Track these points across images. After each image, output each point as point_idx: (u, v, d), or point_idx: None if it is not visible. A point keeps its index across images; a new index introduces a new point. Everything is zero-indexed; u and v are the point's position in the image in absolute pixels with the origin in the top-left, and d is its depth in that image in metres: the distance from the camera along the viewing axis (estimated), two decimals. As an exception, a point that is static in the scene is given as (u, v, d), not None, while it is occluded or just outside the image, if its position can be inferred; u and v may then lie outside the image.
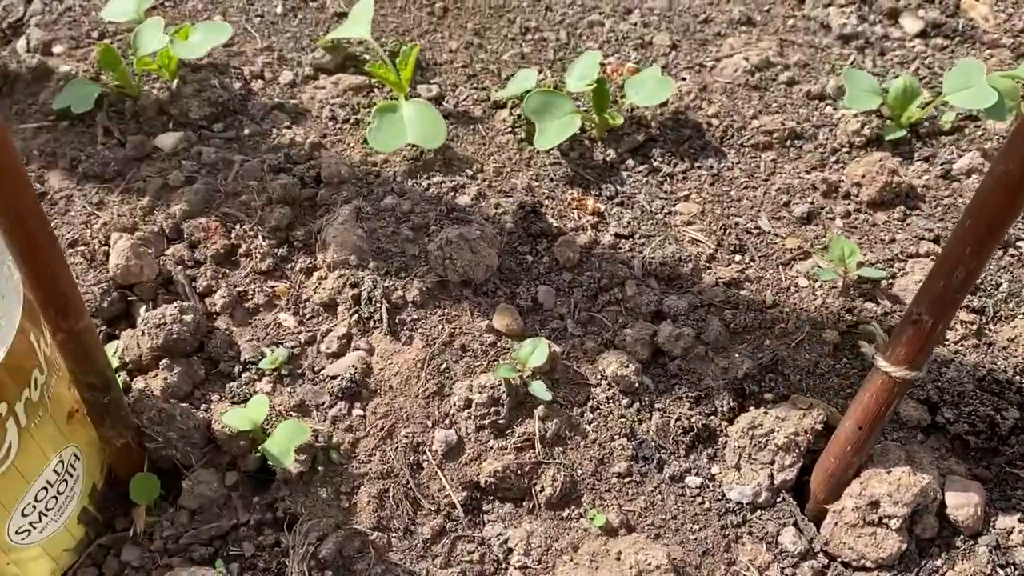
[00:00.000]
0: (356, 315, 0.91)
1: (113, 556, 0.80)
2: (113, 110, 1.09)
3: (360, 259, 0.94)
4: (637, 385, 0.88)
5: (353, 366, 0.88)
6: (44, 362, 0.70)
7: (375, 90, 1.15)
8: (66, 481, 0.76)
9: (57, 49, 1.19)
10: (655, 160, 1.09)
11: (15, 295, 0.67)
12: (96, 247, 0.96)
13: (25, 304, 0.67)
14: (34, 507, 0.73)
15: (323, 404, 0.87)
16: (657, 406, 0.88)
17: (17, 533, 0.73)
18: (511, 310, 0.92)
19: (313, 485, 0.82)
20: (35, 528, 0.74)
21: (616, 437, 0.86)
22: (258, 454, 0.83)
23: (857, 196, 1.06)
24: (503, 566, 0.80)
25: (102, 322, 0.92)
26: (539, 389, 0.85)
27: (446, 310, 0.92)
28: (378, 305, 0.91)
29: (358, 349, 0.90)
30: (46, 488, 0.74)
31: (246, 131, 1.08)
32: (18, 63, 1.14)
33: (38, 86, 1.13)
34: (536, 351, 0.86)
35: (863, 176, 1.05)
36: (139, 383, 0.87)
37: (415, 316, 0.92)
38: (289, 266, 0.96)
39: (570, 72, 1.11)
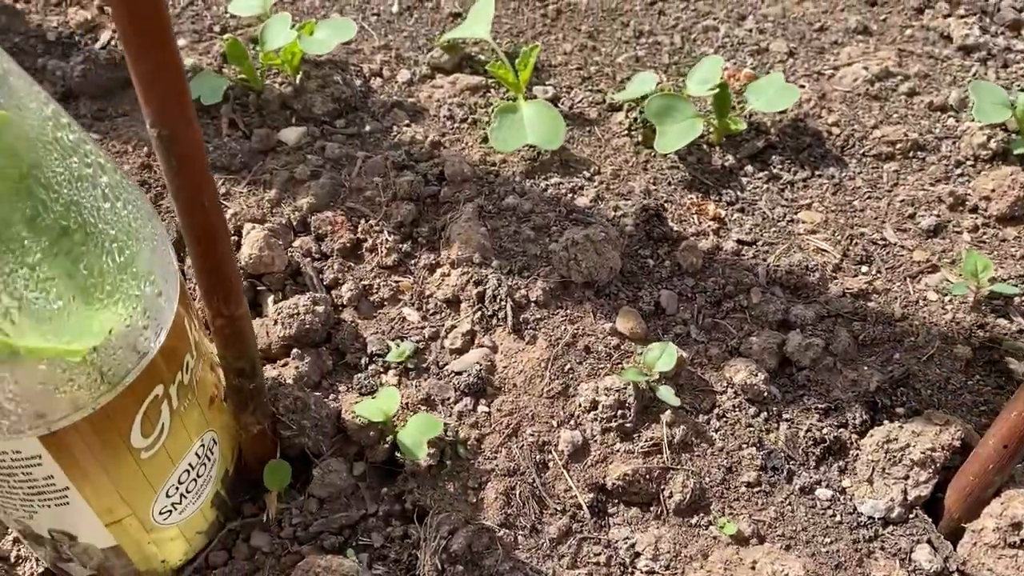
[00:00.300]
0: (480, 312, 0.92)
1: (243, 541, 0.81)
2: (237, 103, 1.11)
3: (483, 257, 0.94)
4: (765, 394, 0.87)
5: (478, 363, 0.88)
6: (194, 346, 0.72)
7: (491, 90, 1.15)
8: (205, 464, 0.77)
9: (180, 43, 1.21)
10: (775, 167, 1.08)
11: (174, 280, 0.69)
12: (225, 237, 0.97)
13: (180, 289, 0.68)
14: (177, 488, 0.74)
15: (448, 399, 0.87)
16: (785, 416, 0.87)
17: (160, 513, 0.74)
18: (634, 313, 0.92)
19: (441, 479, 0.83)
20: (175, 509, 0.76)
21: (744, 446, 0.85)
22: (385, 445, 0.84)
23: (986, 210, 1.03)
24: (629, 570, 0.80)
25: (230, 310, 0.94)
26: (667, 394, 0.85)
27: (568, 311, 0.92)
28: (502, 303, 0.91)
29: (482, 346, 0.90)
30: (188, 471, 0.75)
31: (367, 128, 1.09)
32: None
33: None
34: (664, 356, 0.86)
35: (993, 190, 1.03)
36: (268, 371, 0.89)
37: (538, 316, 0.92)
38: (413, 262, 0.97)
39: (691, 76, 1.10)
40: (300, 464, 0.85)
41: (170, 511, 0.75)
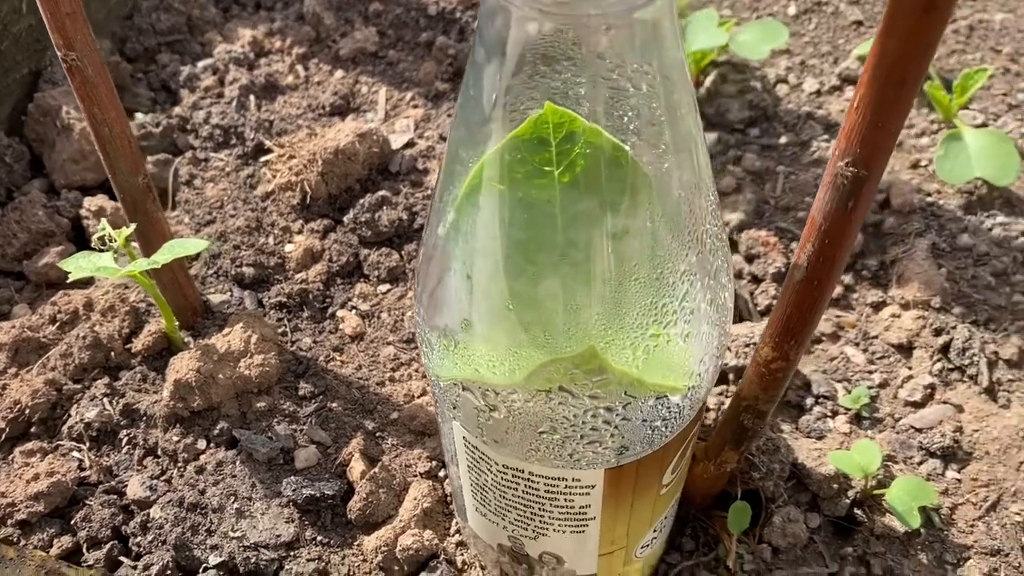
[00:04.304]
0: (940, 364, 0.83)
1: (688, 579, 0.77)
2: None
3: (943, 302, 0.85)
4: None
5: (942, 422, 0.80)
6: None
7: (912, 110, 1.06)
8: (676, 499, 0.73)
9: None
10: None
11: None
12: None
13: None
14: (661, 523, 0.70)
15: (912, 458, 0.80)
16: None
17: (641, 547, 0.70)
18: (1124, 387, 0.81)
19: (913, 547, 0.75)
20: (651, 544, 0.71)
21: None
22: (846, 500, 0.77)
23: None
24: None
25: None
26: None
27: (1044, 375, 0.83)
28: (974, 358, 0.82)
29: (946, 403, 0.82)
30: (674, 505, 0.71)
31: (782, 139, 1.02)
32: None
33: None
34: None
35: None
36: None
37: (1010, 376, 0.83)
38: (855, 296, 0.89)
39: None
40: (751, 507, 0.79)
41: (648, 545, 0.71)
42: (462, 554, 0.77)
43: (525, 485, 0.60)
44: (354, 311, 0.91)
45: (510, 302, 0.49)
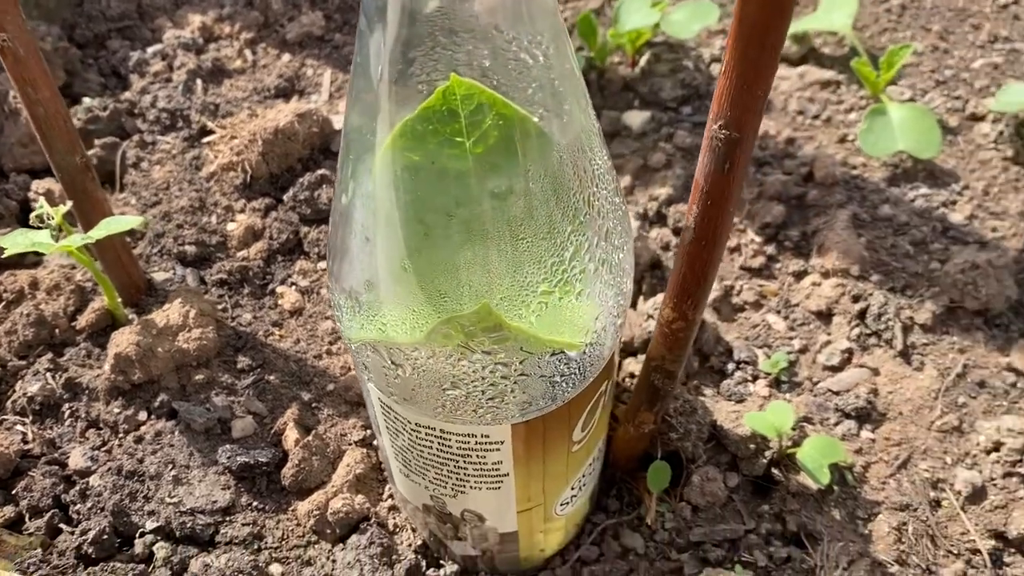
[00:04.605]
0: (857, 330, 0.86)
1: (613, 539, 0.80)
2: (579, 81, 1.09)
3: (862, 270, 0.89)
4: None
5: (858, 384, 0.83)
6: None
7: (842, 87, 1.09)
8: (598, 459, 0.76)
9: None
10: None
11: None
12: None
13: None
14: (580, 482, 0.73)
15: (828, 420, 0.83)
16: None
17: (561, 505, 0.73)
18: (1031, 349, 0.85)
19: (827, 504, 0.78)
20: (571, 502, 0.74)
21: None
22: (763, 460, 0.80)
23: None
24: (1033, 629, 0.74)
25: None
26: (1083, 444, 0.78)
27: (956, 339, 0.86)
28: (889, 323, 0.86)
29: (862, 367, 0.85)
30: (591, 463, 0.73)
31: (714, 117, 1.05)
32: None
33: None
34: (1079, 401, 0.79)
35: None
36: (632, 365, 0.86)
37: (924, 341, 0.86)
38: (778, 266, 0.92)
39: (1079, 92, 1.01)
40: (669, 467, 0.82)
41: (568, 503, 0.74)
42: (394, 518, 0.79)
43: (439, 443, 0.63)
44: (294, 287, 0.93)
45: (407, 262, 0.51)
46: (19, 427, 0.84)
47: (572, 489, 0.73)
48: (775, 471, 0.80)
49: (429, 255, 0.51)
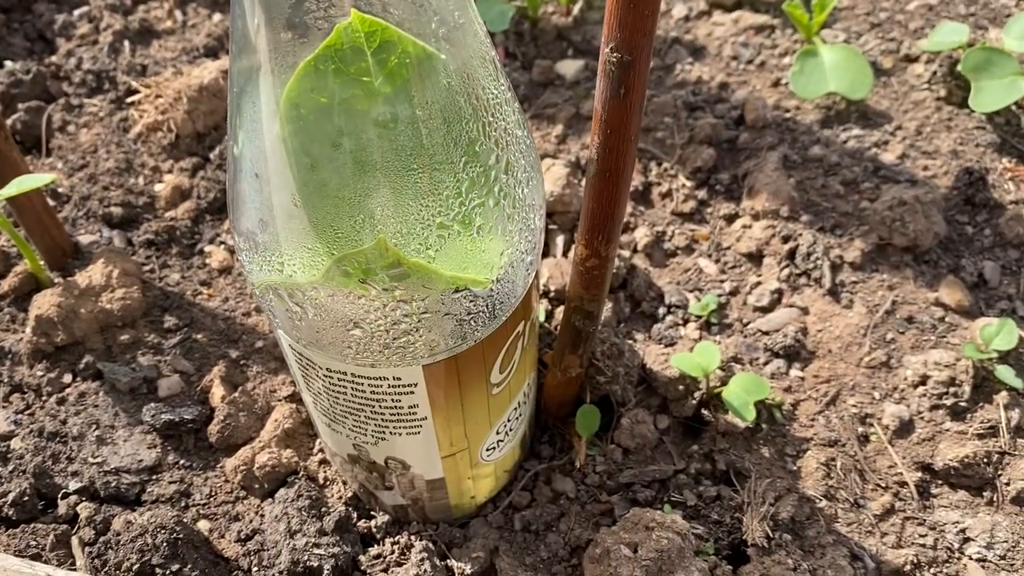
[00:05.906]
0: (787, 270, 0.86)
1: (544, 484, 0.80)
2: (512, 32, 1.07)
3: (792, 211, 0.88)
4: (1113, 384, 0.79)
5: (788, 324, 0.84)
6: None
7: (776, 31, 1.08)
8: (524, 403, 0.75)
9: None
10: (1098, 135, 0.99)
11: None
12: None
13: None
14: (505, 426, 0.73)
15: (758, 360, 0.83)
16: None
17: (487, 450, 0.73)
18: (959, 284, 0.85)
19: (756, 442, 0.79)
20: (498, 447, 0.74)
21: (1090, 438, 0.78)
22: (693, 401, 0.80)
23: None
24: (957, 555, 0.75)
25: (519, 246, 0.91)
26: (1007, 374, 0.78)
27: (885, 276, 0.86)
28: (818, 263, 0.86)
29: (792, 306, 0.85)
30: (516, 408, 0.73)
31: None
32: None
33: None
34: (1003, 333, 0.79)
35: None
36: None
37: (853, 279, 0.86)
38: (709, 210, 0.92)
39: (1008, 29, 1.01)
40: (602, 412, 0.82)
41: (494, 448, 0.74)
42: (325, 472, 0.79)
43: (352, 388, 0.62)
44: (222, 246, 0.92)
45: (297, 197, 0.50)
46: (-59, 394, 0.82)
47: (498, 434, 0.72)
48: (705, 412, 0.80)
49: (319, 188, 0.50)
